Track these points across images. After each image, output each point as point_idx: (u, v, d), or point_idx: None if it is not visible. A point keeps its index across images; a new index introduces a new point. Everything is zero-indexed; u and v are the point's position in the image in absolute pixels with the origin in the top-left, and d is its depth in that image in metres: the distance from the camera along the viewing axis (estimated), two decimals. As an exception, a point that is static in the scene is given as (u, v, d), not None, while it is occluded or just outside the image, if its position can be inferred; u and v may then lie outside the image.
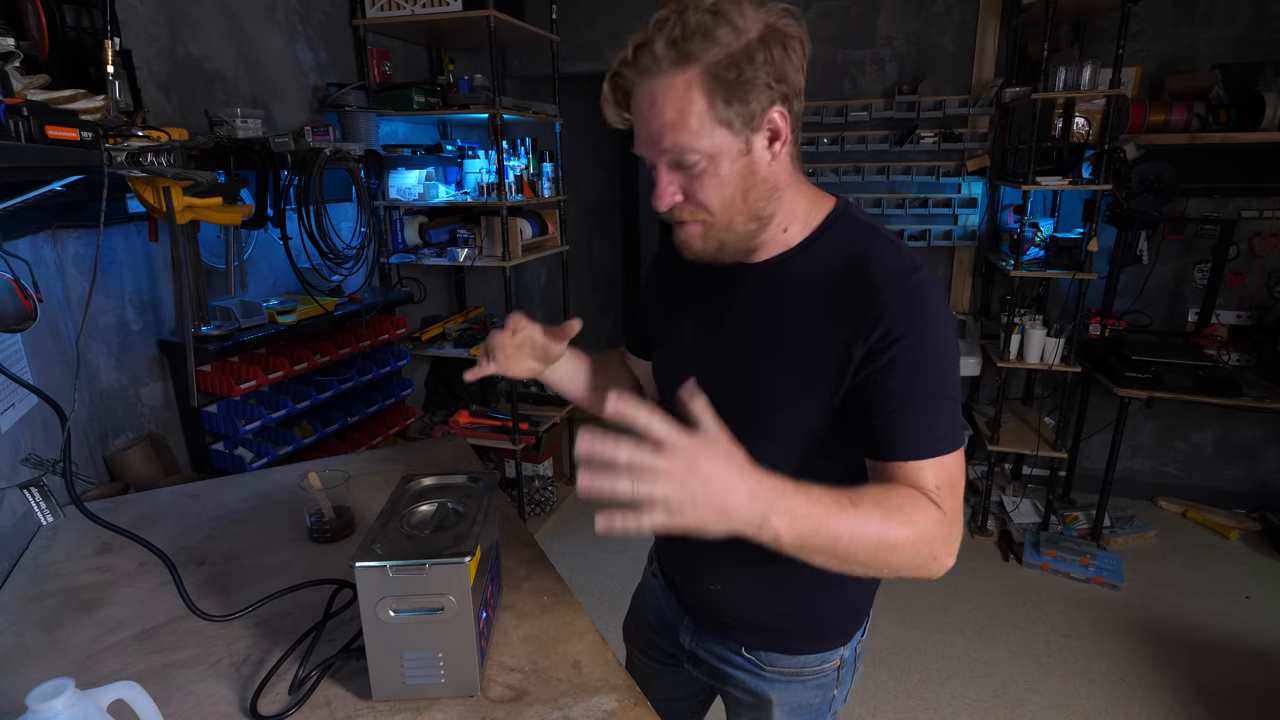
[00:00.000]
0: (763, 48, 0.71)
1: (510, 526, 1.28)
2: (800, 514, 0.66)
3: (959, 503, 0.77)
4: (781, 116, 0.75)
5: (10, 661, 0.99)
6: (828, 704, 1.03)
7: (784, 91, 0.74)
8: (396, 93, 2.72)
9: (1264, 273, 2.95)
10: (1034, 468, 3.36)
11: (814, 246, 0.84)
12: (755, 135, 0.75)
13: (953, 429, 0.78)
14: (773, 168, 0.78)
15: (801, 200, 0.84)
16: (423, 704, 0.88)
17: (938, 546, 0.73)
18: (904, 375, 0.76)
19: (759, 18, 0.72)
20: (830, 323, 0.79)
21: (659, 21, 0.72)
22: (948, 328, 0.79)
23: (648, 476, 0.61)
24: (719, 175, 0.76)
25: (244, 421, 2.08)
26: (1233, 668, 2.27)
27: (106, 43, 1.25)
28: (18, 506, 1.30)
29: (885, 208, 3.30)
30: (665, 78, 0.72)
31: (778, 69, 0.72)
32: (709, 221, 0.80)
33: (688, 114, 0.72)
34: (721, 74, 0.71)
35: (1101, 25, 2.89)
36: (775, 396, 0.83)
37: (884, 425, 0.77)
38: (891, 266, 0.78)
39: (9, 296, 1.08)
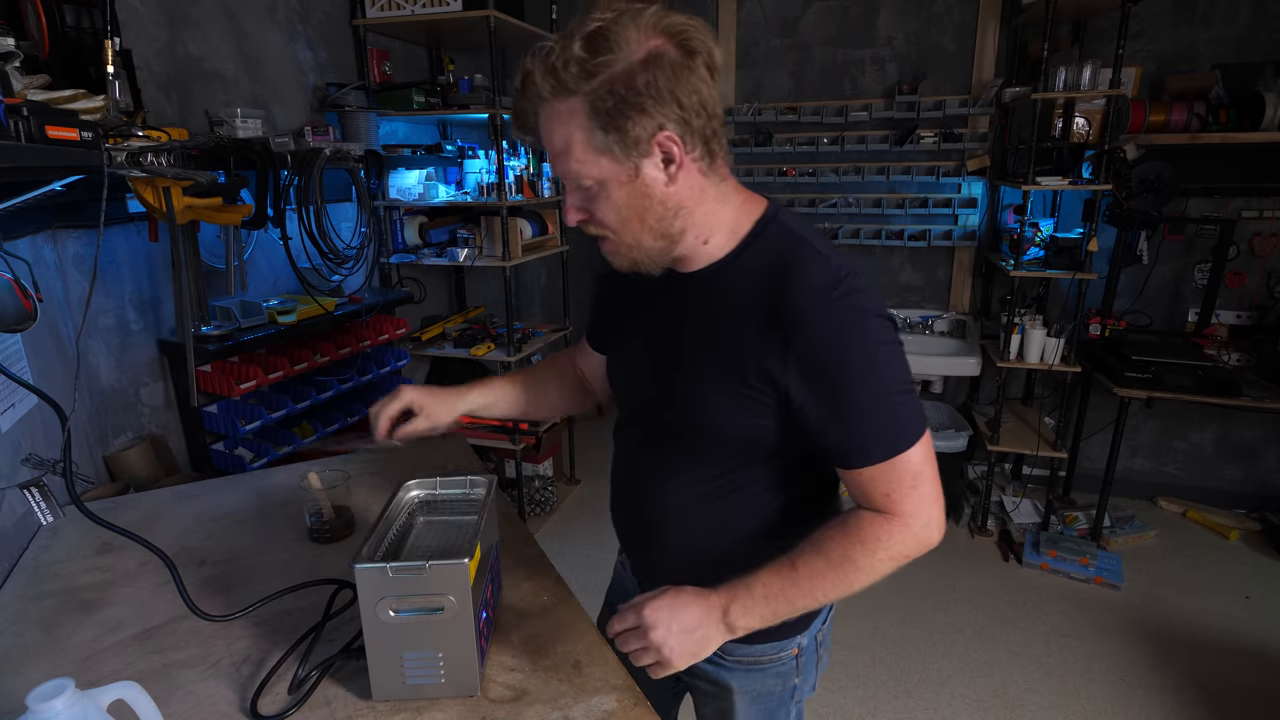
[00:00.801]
0: (645, 71, 0.70)
1: (510, 526, 1.28)
2: (755, 604, 0.80)
3: (927, 489, 0.81)
4: (671, 140, 0.73)
5: (10, 661, 0.99)
6: (789, 692, 1.04)
7: (674, 114, 0.72)
8: (396, 93, 2.72)
9: (1264, 273, 2.95)
10: (1034, 468, 3.36)
11: (742, 257, 0.83)
12: (644, 160, 0.74)
13: (904, 426, 0.79)
14: (672, 188, 0.77)
15: (726, 210, 0.83)
16: (423, 704, 0.88)
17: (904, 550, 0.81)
18: (842, 391, 0.77)
19: (648, 38, 0.70)
20: (757, 339, 0.79)
21: (544, 50, 0.72)
22: (881, 332, 0.78)
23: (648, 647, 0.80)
24: (611, 199, 0.77)
25: (244, 421, 2.08)
26: (1233, 668, 2.27)
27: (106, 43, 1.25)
28: (18, 506, 1.29)
29: (885, 208, 3.30)
30: (550, 106, 0.73)
31: (663, 93, 0.70)
32: (614, 239, 0.81)
33: (572, 142, 0.74)
34: (599, 103, 0.71)
35: (1101, 25, 2.89)
36: (713, 405, 0.84)
37: (833, 440, 0.80)
38: (816, 283, 0.77)
39: (9, 296, 1.08)
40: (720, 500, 0.92)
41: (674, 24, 0.71)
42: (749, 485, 0.90)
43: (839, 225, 3.36)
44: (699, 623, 0.80)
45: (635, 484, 1.00)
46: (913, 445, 0.79)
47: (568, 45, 0.70)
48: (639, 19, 0.70)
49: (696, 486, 0.92)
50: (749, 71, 3.38)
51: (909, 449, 0.79)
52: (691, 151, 0.75)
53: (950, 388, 3.46)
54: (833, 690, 2.20)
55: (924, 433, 0.80)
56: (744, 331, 0.80)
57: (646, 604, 0.81)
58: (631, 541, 1.07)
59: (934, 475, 0.82)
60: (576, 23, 0.72)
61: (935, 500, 0.82)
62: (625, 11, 0.71)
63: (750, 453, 0.88)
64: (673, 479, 0.93)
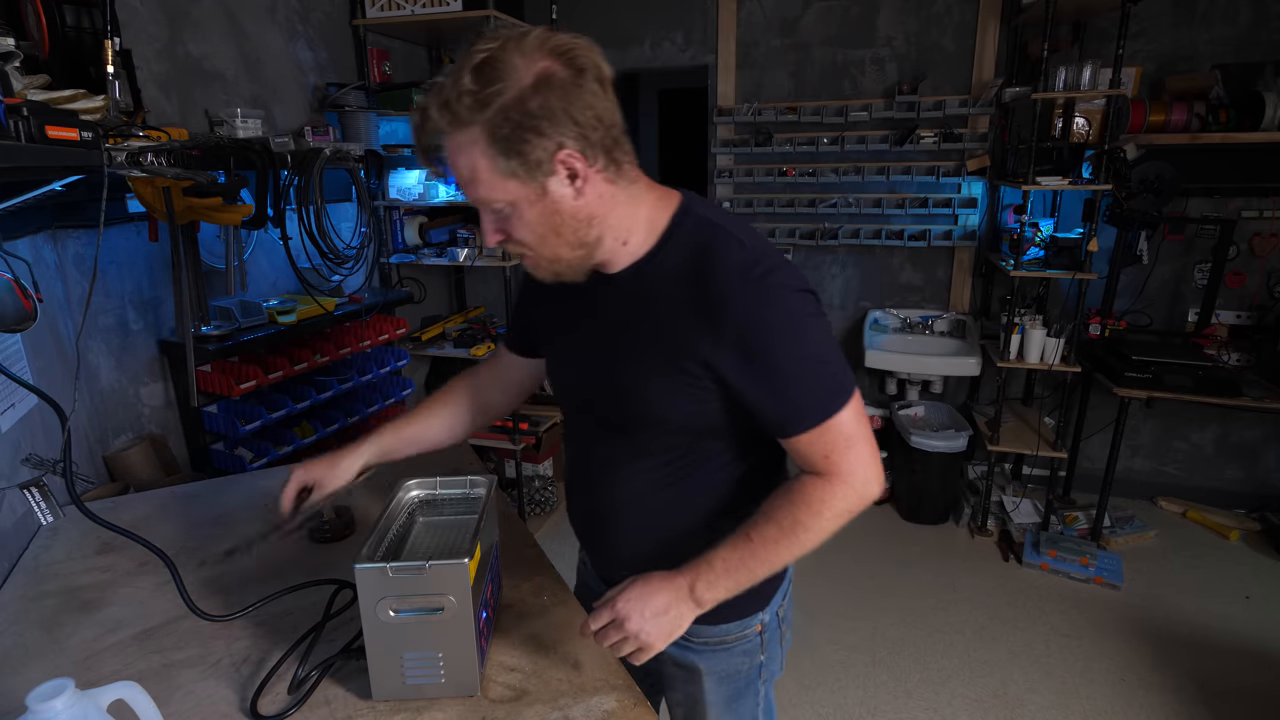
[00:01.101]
0: (536, 95, 0.71)
1: (510, 526, 1.28)
2: (717, 577, 0.85)
3: (863, 447, 0.86)
4: (572, 156, 0.75)
5: (10, 661, 0.99)
6: (755, 670, 1.06)
7: (571, 131, 0.74)
8: (396, 93, 2.72)
9: (1264, 273, 2.95)
10: (1034, 468, 3.36)
11: (662, 253, 0.86)
12: (549, 179, 0.76)
13: (834, 391, 0.84)
14: (580, 201, 0.79)
15: (641, 210, 0.85)
16: (423, 704, 0.88)
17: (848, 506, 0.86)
18: (771, 364, 0.81)
19: (536, 61, 0.72)
20: (687, 327, 0.82)
21: (438, 85, 0.74)
22: (802, 304, 0.82)
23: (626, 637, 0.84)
24: (525, 219, 0.79)
25: (244, 421, 2.08)
26: (1233, 668, 2.27)
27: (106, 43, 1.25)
28: (18, 506, 1.30)
29: (885, 208, 3.30)
30: (451, 138, 0.75)
31: (556, 112, 0.72)
32: (533, 255, 0.84)
33: (477, 170, 0.76)
34: (496, 130, 0.72)
35: (1101, 25, 2.89)
36: (655, 394, 0.87)
37: (769, 411, 0.84)
38: (733, 265, 0.81)
39: (9, 296, 1.08)
40: (672, 485, 0.94)
41: (559, 44, 0.73)
42: (699, 467, 0.93)
43: (839, 225, 3.36)
44: (669, 604, 0.84)
45: (588, 479, 1.02)
46: (844, 407, 0.84)
47: (459, 78, 0.72)
48: (523, 44, 0.72)
49: (648, 474, 0.94)
50: (749, 71, 3.38)
51: (840, 411, 0.83)
52: (594, 164, 0.77)
53: (950, 388, 3.46)
54: (833, 690, 2.20)
55: (853, 394, 0.85)
56: (674, 321, 0.83)
57: (618, 598, 0.85)
58: (590, 536, 1.08)
59: (867, 433, 0.87)
60: (465, 54, 0.73)
61: (872, 456, 0.87)
62: (510, 38, 0.73)
63: (697, 435, 0.91)
64: (624, 469, 0.96)
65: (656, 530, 0.97)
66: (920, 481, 3.10)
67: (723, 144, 3.45)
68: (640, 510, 0.97)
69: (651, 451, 0.93)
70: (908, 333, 3.36)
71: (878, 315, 3.42)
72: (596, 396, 0.95)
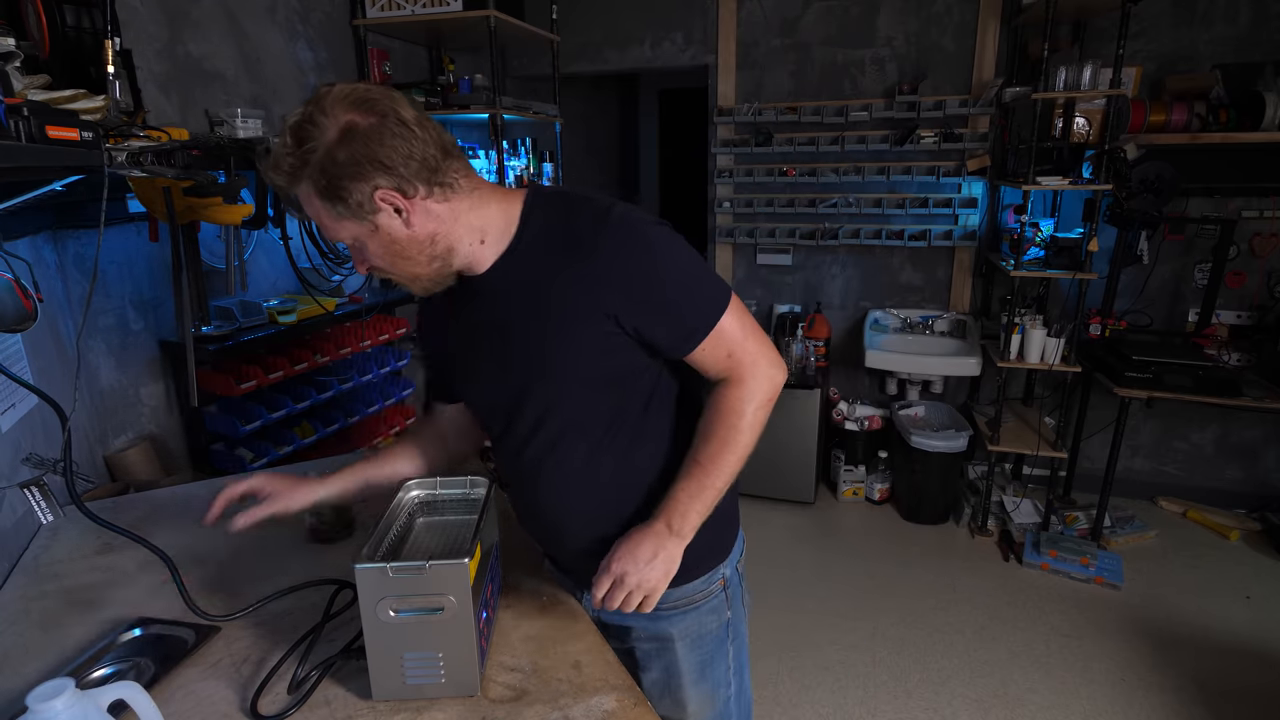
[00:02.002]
0: (342, 147, 0.78)
1: (510, 526, 1.28)
2: (686, 507, 0.93)
3: (754, 339, 0.94)
4: (390, 194, 0.81)
5: (10, 661, 0.99)
6: (724, 628, 1.10)
7: (384, 170, 0.80)
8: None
9: (1264, 273, 2.95)
10: (1034, 468, 3.36)
11: (524, 241, 0.91)
12: (378, 215, 0.83)
13: (713, 298, 0.91)
14: (416, 227, 0.85)
15: (489, 211, 0.90)
16: (423, 704, 0.88)
17: (764, 394, 0.95)
18: (652, 291, 0.88)
19: (341, 115, 0.79)
20: (571, 283, 0.88)
21: (271, 149, 0.82)
22: (661, 234, 0.89)
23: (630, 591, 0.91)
24: (371, 250, 0.87)
25: (244, 421, 2.08)
26: (1233, 668, 2.27)
27: (106, 43, 1.25)
28: (18, 506, 1.30)
29: (885, 207, 3.30)
30: (292, 191, 0.83)
31: (362, 160, 0.79)
32: (396, 276, 0.90)
33: (320, 216, 0.84)
34: (318, 183, 0.80)
35: (1101, 25, 2.89)
36: (568, 358, 0.92)
37: (665, 335, 0.91)
38: (592, 217, 0.88)
39: (9, 296, 1.08)
40: (610, 447, 0.97)
41: (358, 97, 0.80)
42: (633, 413, 0.97)
43: (839, 225, 3.36)
44: (655, 548, 0.92)
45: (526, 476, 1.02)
46: (726, 310, 0.91)
47: (284, 141, 0.80)
48: (324, 103, 0.79)
49: (589, 437, 0.97)
50: (749, 71, 3.38)
51: (724, 314, 0.91)
52: (414, 194, 0.83)
53: (950, 388, 3.46)
54: (833, 690, 2.20)
55: (730, 295, 0.93)
56: (559, 285, 0.89)
57: (611, 562, 0.92)
58: (546, 535, 1.09)
59: (754, 326, 0.95)
60: (290, 116, 0.81)
61: (767, 344, 0.96)
62: (317, 98, 0.80)
63: (621, 382, 0.95)
64: (559, 452, 0.98)
65: (603, 504, 1.00)
66: (920, 481, 3.10)
67: (723, 144, 3.45)
68: (583, 489, 0.99)
69: (585, 418, 0.96)
70: (908, 333, 3.36)
71: (878, 315, 3.42)
72: (513, 391, 0.97)
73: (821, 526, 3.20)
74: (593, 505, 1.00)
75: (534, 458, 1.00)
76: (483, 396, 1.04)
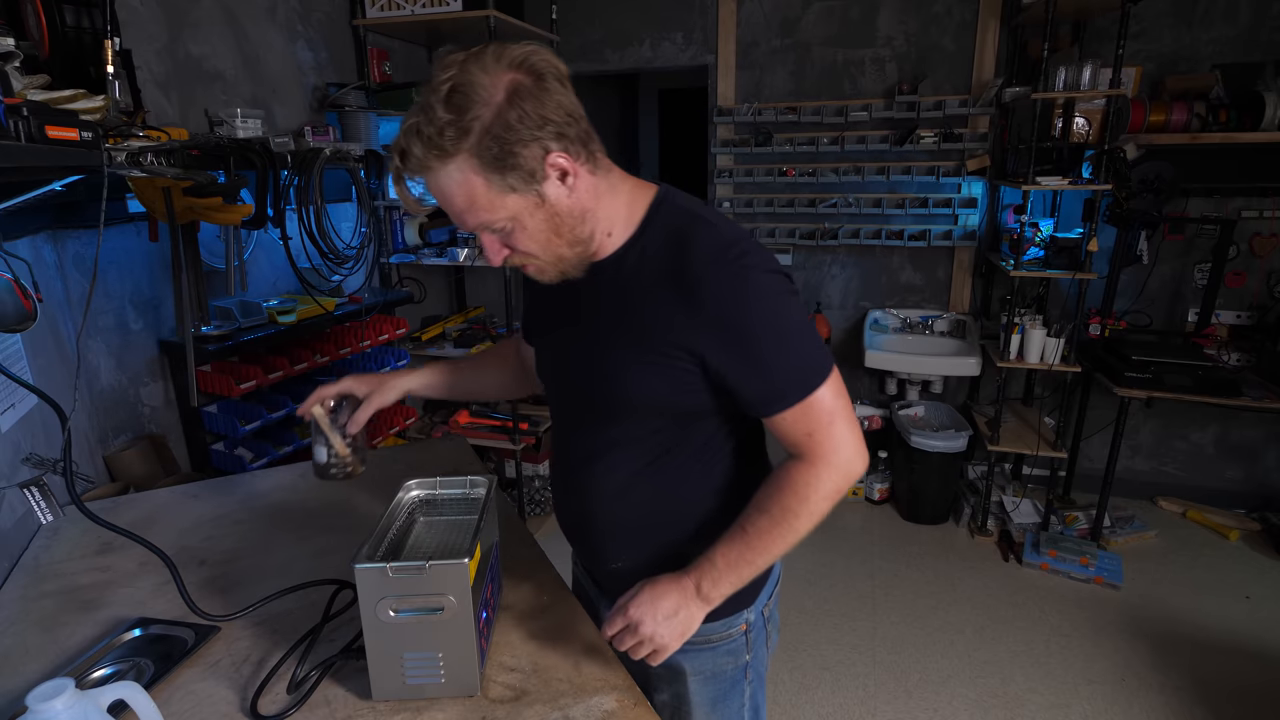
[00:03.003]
0: (513, 107, 0.74)
1: (510, 526, 1.28)
2: (720, 574, 0.88)
3: (844, 423, 0.87)
4: (561, 156, 0.78)
5: (10, 661, 0.99)
6: (741, 670, 1.06)
7: (555, 131, 0.76)
8: (396, 93, 2.72)
9: (1264, 273, 2.94)
10: (1034, 468, 3.36)
11: (640, 242, 0.88)
12: (545, 184, 0.79)
13: (813, 367, 0.85)
14: (574, 198, 0.82)
15: (619, 202, 0.88)
16: (423, 704, 0.88)
17: (834, 486, 0.88)
18: (750, 344, 0.83)
19: (502, 74, 0.74)
20: (666, 311, 0.84)
21: (412, 125, 0.75)
22: (775, 284, 0.84)
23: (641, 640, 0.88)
24: (528, 229, 0.82)
25: (244, 421, 2.08)
26: (1233, 668, 2.27)
27: (106, 43, 1.25)
28: (18, 506, 1.30)
29: (885, 207, 3.30)
30: (439, 173, 0.76)
31: (537, 118, 0.75)
32: (539, 262, 0.86)
33: (474, 196, 0.77)
34: (484, 152, 0.74)
35: (1101, 25, 2.89)
36: (637, 379, 0.89)
37: (751, 391, 0.86)
38: (708, 249, 0.83)
39: (9, 296, 1.08)
40: (661, 472, 0.95)
41: (515, 56, 0.75)
42: (686, 450, 0.94)
43: (839, 225, 3.36)
44: (678, 605, 0.88)
45: (572, 476, 1.02)
46: (824, 383, 0.85)
47: (432, 113, 0.73)
48: (483, 63, 0.74)
49: (630, 464, 0.95)
50: (749, 71, 3.38)
51: (820, 387, 0.85)
52: (579, 158, 0.80)
53: (950, 388, 3.46)
54: (833, 690, 2.20)
55: (832, 370, 0.87)
56: (653, 306, 0.85)
57: (629, 604, 0.89)
58: (577, 534, 1.08)
59: (848, 409, 0.88)
60: (429, 89, 0.75)
61: (853, 432, 0.88)
62: (469, 61, 0.74)
63: (678, 419, 0.92)
64: (606, 461, 0.96)
65: (642, 522, 0.98)
66: (920, 481, 3.10)
67: (723, 144, 3.45)
68: (627, 504, 0.97)
69: (634, 440, 0.94)
70: (908, 333, 3.36)
71: (878, 315, 3.42)
72: (585, 387, 0.96)
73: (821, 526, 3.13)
74: (624, 525, 0.98)
75: (579, 459, 0.99)
76: (552, 373, 1.03)
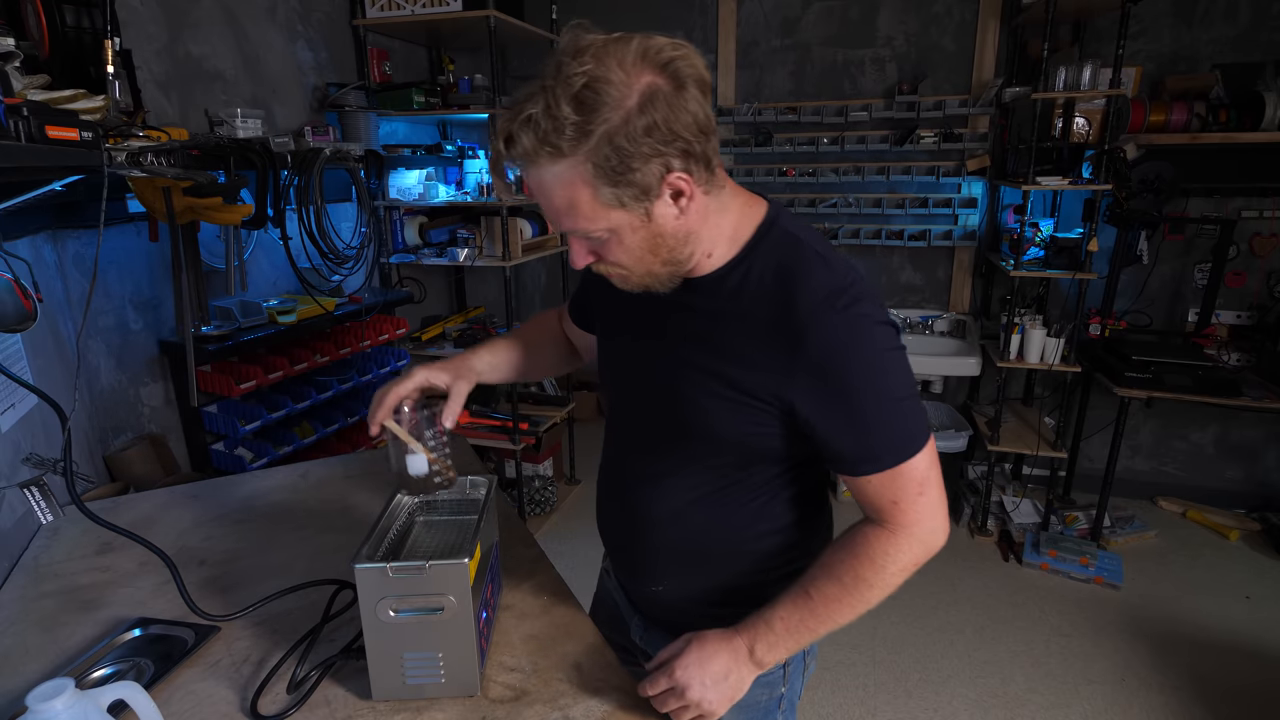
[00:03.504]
0: (644, 114, 0.66)
1: (510, 526, 1.28)
2: (778, 639, 0.82)
3: (934, 494, 0.81)
4: (681, 178, 0.71)
5: (10, 661, 0.99)
6: (775, 701, 1.01)
7: (681, 148, 0.69)
8: (396, 93, 2.72)
9: (1264, 273, 2.95)
10: (1034, 468, 3.36)
11: (744, 264, 0.81)
12: (655, 202, 0.71)
13: (912, 434, 0.79)
14: (682, 220, 0.74)
15: (727, 221, 0.81)
16: (423, 704, 0.88)
17: (913, 558, 0.82)
18: (850, 400, 0.77)
19: (641, 74, 0.67)
20: (762, 349, 0.78)
21: (528, 114, 0.67)
22: (886, 339, 0.78)
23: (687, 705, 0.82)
24: (624, 244, 0.75)
25: (244, 421, 2.08)
26: (1233, 668, 2.27)
27: (106, 43, 1.25)
28: (18, 506, 1.30)
29: (885, 207, 3.30)
30: (544, 170, 0.69)
31: (666, 131, 0.67)
32: (626, 273, 0.79)
33: (577, 203, 0.70)
34: (601, 160, 0.67)
35: (1101, 25, 2.89)
36: (713, 412, 0.83)
37: (843, 447, 0.80)
38: (820, 291, 0.76)
39: (9, 296, 1.08)
40: (714, 505, 0.90)
41: (661, 55, 0.67)
42: (744, 489, 0.89)
43: (839, 225, 3.36)
44: (729, 668, 0.82)
45: (626, 489, 0.98)
46: (920, 451, 0.79)
47: (556, 107, 0.65)
48: (624, 58, 0.66)
49: (691, 492, 0.91)
50: (749, 71, 3.38)
51: (916, 455, 0.79)
52: (698, 179, 0.72)
53: (950, 388, 3.46)
54: (833, 690, 2.20)
55: (930, 438, 0.80)
56: (748, 340, 0.79)
57: (675, 664, 0.83)
58: (619, 547, 1.04)
59: (939, 479, 0.82)
60: (557, 75, 0.66)
61: (940, 505, 0.83)
62: (608, 53, 0.67)
63: (750, 457, 0.87)
64: (666, 483, 0.92)
65: (691, 551, 0.94)
66: (920, 481, 3.09)
67: (723, 144, 3.46)
68: (679, 529, 0.93)
69: (699, 468, 0.89)
70: (908, 333, 3.36)
71: (878, 315, 3.41)
72: (653, 404, 0.90)
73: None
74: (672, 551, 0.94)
75: (636, 477, 0.95)
76: (624, 382, 0.95)
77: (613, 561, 1.10)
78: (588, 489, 3.50)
